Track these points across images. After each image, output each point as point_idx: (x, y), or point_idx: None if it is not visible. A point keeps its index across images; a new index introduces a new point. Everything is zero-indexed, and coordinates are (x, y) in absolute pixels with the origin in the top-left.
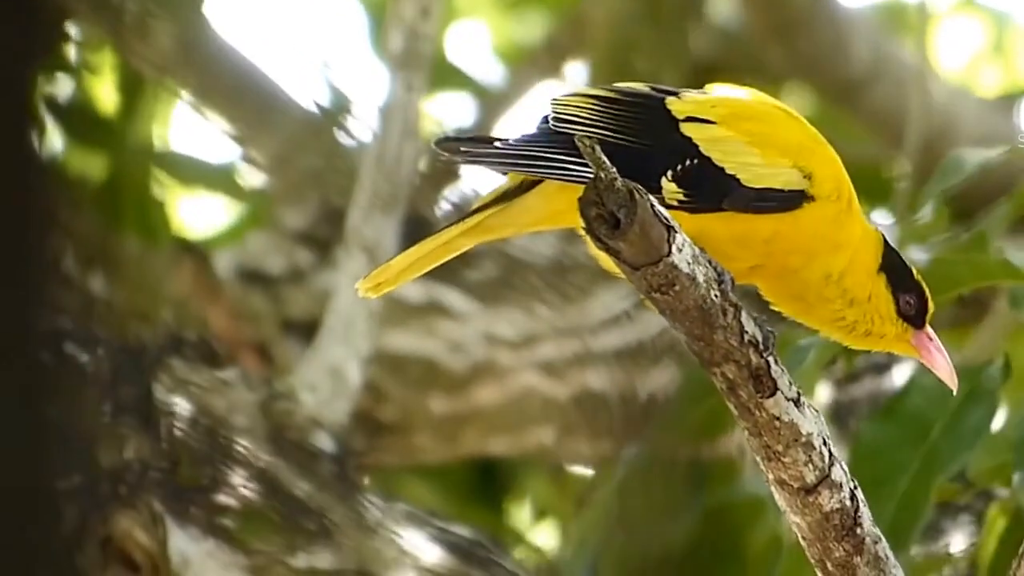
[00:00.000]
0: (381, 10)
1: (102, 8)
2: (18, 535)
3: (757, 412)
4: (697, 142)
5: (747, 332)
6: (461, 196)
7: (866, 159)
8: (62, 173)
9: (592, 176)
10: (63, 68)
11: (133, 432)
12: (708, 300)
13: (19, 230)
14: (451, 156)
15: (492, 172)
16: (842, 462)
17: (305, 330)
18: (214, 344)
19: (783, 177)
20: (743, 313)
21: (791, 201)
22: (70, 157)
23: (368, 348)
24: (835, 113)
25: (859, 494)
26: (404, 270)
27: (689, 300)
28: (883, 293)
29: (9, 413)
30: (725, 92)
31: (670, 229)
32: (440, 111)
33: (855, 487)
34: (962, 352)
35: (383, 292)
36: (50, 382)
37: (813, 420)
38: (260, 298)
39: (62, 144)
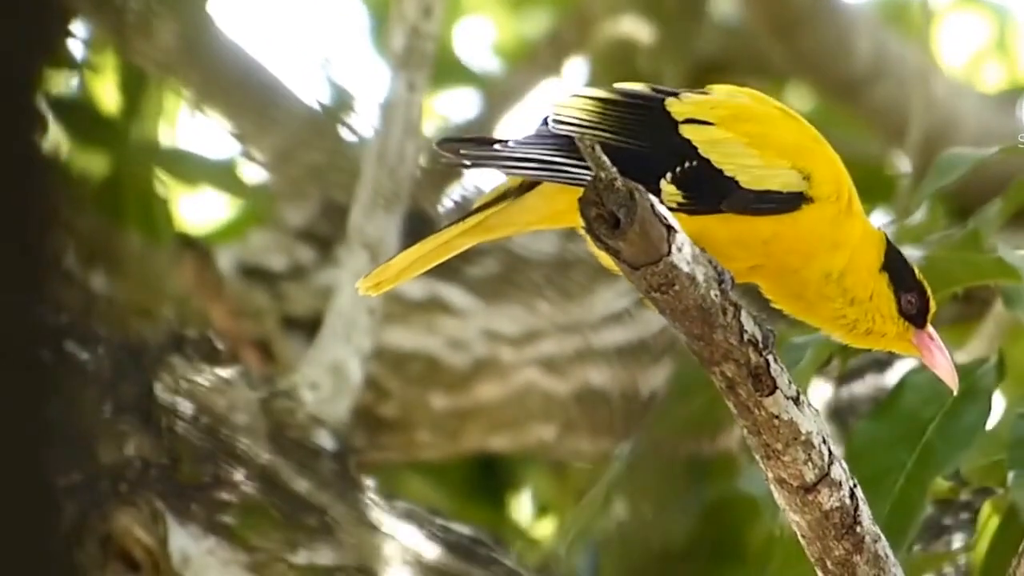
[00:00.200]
0: (383, 8)
1: (105, 6)
2: (18, 532)
3: (756, 411)
4: (696, 144)
5: (746, 331)
6: (463, 193)
7: (868, 156)
8: (64, 170)
9: (591, 178)
10: (66, 66)
11: (133, 430)
12: (708, 299)
13: (21, 227)
14: (451, 158)
15: (492, 173)
16: (842, 460)
17: (307, 327)
18: (215, 341)
19: (782, 179)
20: (743, 312)
21: (790, 203)
22: (72, 154)
23: (369, 346)
24: (837, 111)
25: (859, 492)
26: (404, 269)
27: (689, 299)
28: (885, 292)
29: (10, 411)
30: (724, 93)
31: (670, 229)
32: (444, 107)
33: (855, 485)
34: (964, 350)
35: (383, 291)
36: (50, 380)
37: (812, 419)
38: (262, 295)
39: (65, 141)
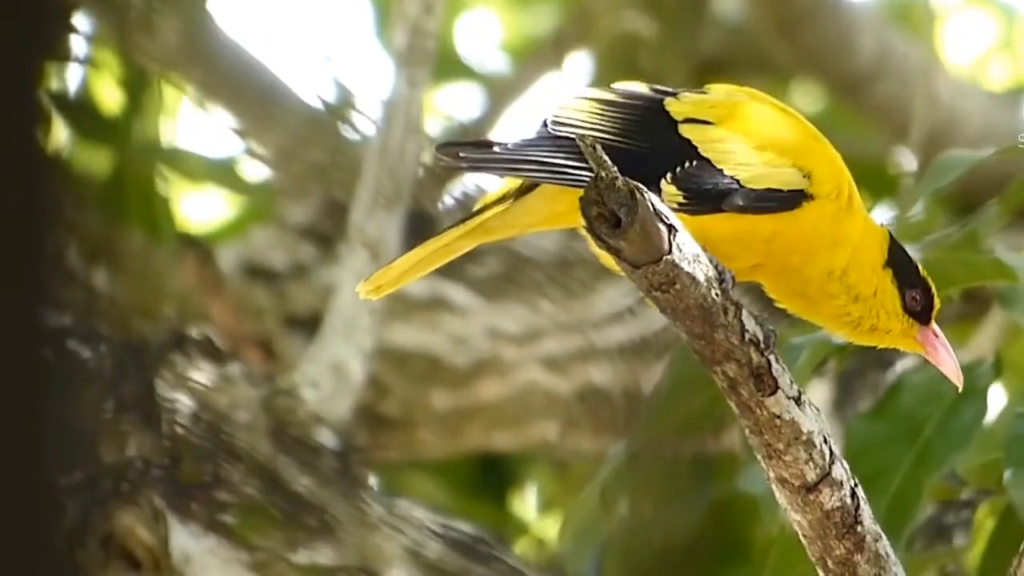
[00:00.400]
0: (387, 4)
1: (107, 3)
2: (20, 532)
3: (758, 410)
4: (696, 143)
5: (748, 331)
6: (464, 192)
7: (872, 154)
8: (66, 168)
9: (592, 177)
10: (68, 63)
11: (135, 429)
12: (709, 299)
13: (23, 225)
14: (451, 162)
15: (492, 177)
16: (843, 460)
17: (308, 326)
18: (217, 340)
19: (782, 177)
20: (744, 312)
21: (791, 201)
22: (74, 152)
23: (370, 344)
24: (841, 108)
25: (860, 492)
26: (405, 272)
27: (690, 299)
28: (889, 288)
29: (11, 409)
30: (723, 93)
31: (671, 228)
32: (447, 103)
33: (856, 485)
34: (965, 349)
35: (384, 294)
36: (52, 378)
37: (814, 418)
38: (263, 293)
39: (67, 139)
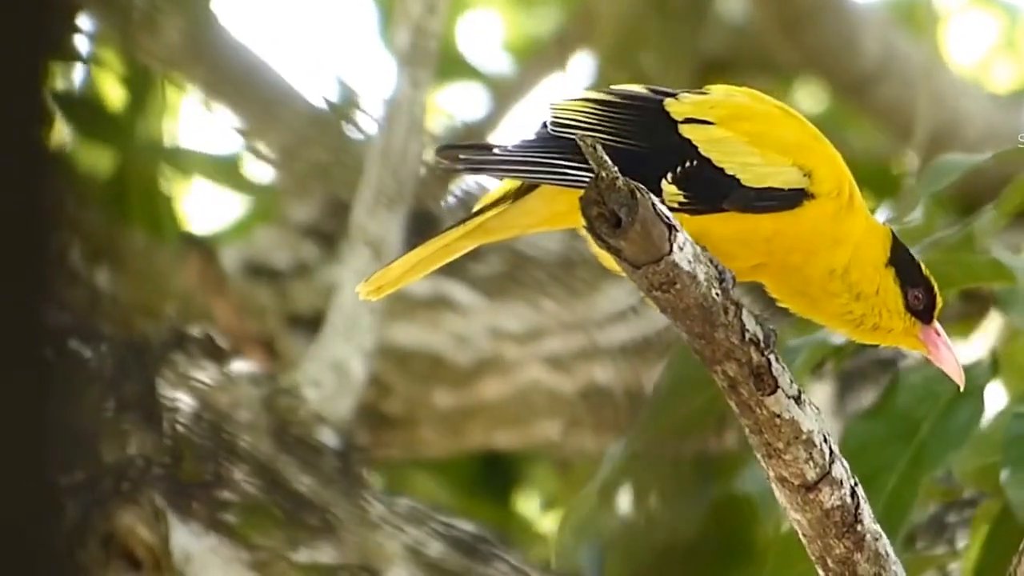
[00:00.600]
0: (391, 4)
1: (111, 3)
2: (21, 531)
3: (758, 410)
4: (696, 143)
5: (748, 330)
6: (466, 191)
7: (876, 155)
8: (70, 167)
9: (593, 177)
10: (72, 62)
11: (136, 428)
12: (709, 298)
13: (27, 224)
14: (451, 164)
15: (492, 179)
16: (843, 459)
17: (311, 324)
18: (218, 339)
19: (783, 176)
20: (744, 311)
21: (792, 200)
22: (78, 151)
23: (372, 343)
24: (845, 109)
25: (860, 491)
26: (405, 273)
27: (690, 298)
28: (891, 287)
29: (12, 409)
30: (723, 93)
31: (671, 228)
32: (450, 103)
33: (856, 484)
34: (965, 348)
35: (383, 295)
36: (53, 377)
37: (814, 417)
38: (266, 292)
39: (70, 138)
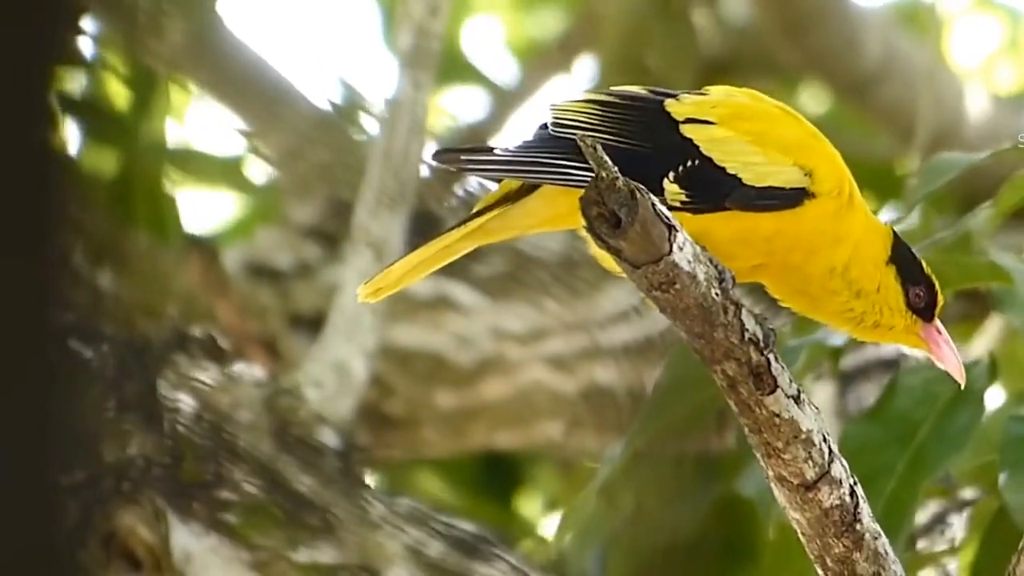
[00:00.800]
0: (394, 6)
1: (115, 5)
2: (22, 531)
3: (757, 409)
4: (698, 143)
5: (747, 330)
6: (468, 191)
7: (878, 156)
8: (75, 168)
9: (593, 177)
10: (77, 64)
11: (137, 428)
12: (708, 298)
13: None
14: (452, 167)
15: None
16: (842, 458)
17: (313, 325)
18: (220, 339)
19: (784, 175)
20: (743, 311)
21: (793, 199)
22: (83, 152)
23: (373, 344)
24: (847, 110)
25: (859, 490)
26: (406, 274)
27: (689, 298)
28: (892, 285)
29: (14, 409)
30: (723, 93)
31: (671, 228)
32: (453, 106)
33: (855, 483)
34: (966, 349)
35: (383, 296)
36: (55, 378)
37: (813, 417)
38: (268, 293)
39: (75, 139)
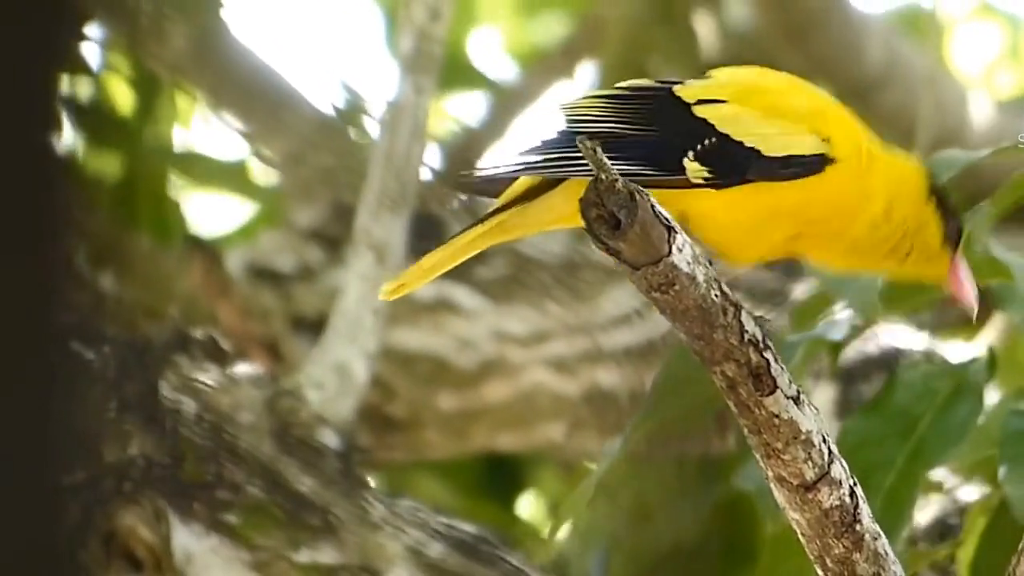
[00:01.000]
0: (396, 10)
1: (119, 9)
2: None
3: (757, 410)
4: (712, 121)
5: (747, 331)
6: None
7: None
8: (79, 172)
9: (590, 182)
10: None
11: (138, 429)
12: (708, 299)
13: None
14: (473, 178)
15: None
16: (842, 459)
17: (315, 328)
18: (221, 341)
19: (803, 144)
20: (743, 312)
21: (815, 165)
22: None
23: (375, 346)
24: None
25: (859, 491)
26: (428, 270)
27: (689, 299)
28: (934, 218)
29: (15, 409)
30: (728, 73)
31: (670, 229)
32: (456, 110)
33: (855, 484)
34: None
35: (404, 293)
36: (56, 379)
37: (813, 418)
38: (270, 295)
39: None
